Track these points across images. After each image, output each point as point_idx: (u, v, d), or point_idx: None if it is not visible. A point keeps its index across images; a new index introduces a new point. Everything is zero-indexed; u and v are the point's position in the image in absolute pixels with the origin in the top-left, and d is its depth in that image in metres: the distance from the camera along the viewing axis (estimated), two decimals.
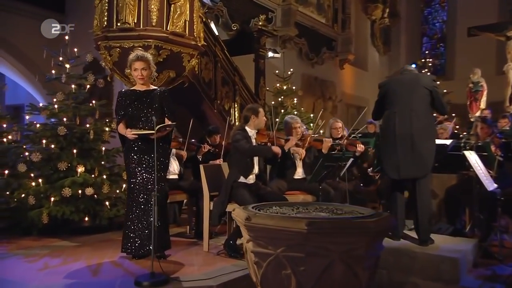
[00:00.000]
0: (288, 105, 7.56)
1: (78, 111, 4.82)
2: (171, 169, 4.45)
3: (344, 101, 12.14)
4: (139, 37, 4.54)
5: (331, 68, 11.59)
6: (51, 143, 4.53)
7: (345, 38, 12.04)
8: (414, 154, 3.23)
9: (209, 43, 5.92)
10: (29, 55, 6.12)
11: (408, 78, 3.45)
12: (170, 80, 4.91)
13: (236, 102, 6.38)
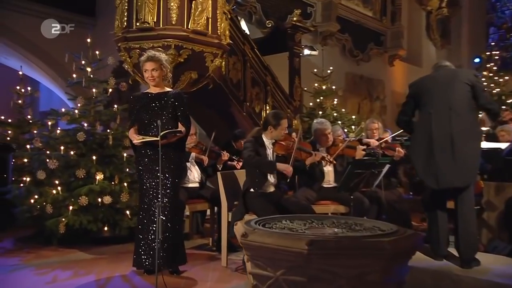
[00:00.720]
0: (327, 107, 7.34)
1: (99, 116, 4.90)
2: (190, 177, 4.40)
3: (395, 101, 11.60)
4: (158, 36, 4.56)
5: (379, 65, 11.12)
6: (71, 150, 4.62)
7: (395, 32, 11.53)
8: (455, 159, 2.93)
9: (237, 42, 5.86)
10: (60, 61, 6.33)
11: (444, 75, 3.15)
12: (193, 81, 4.89)
13: (268, 104, 6.28)
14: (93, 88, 4.93)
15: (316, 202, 4.00)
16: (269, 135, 3.64)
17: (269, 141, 3.65)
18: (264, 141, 3.63)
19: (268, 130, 3.62)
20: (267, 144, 3.62)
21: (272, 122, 3.60)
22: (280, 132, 3.62)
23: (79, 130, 4.69)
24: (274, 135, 3.64)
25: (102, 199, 4.40)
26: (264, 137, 3.64)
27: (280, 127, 3.60)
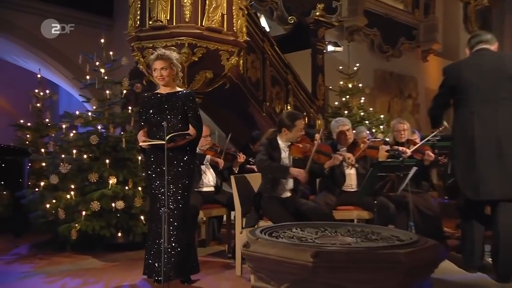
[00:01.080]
0: (353, 106, 7.15)
1: (113, 119, 4.90)
2: (205, 181, 4.35)
3: (429, 99, 11.20)
4: (171, 35, 4.54)
5: (411, 61, 10.78)
6: (84, 153, 4.63)
7: (428, 25, 11.14)
8: (502, 166, 2.65)
9: (256, 39, 5.82)
10: (77, 62, 6.35)
11: (488, 61, 2.82)
12: (208, 81, 4.85)
13: (289, 103, 6.21)
14: (107, 89, 4.93)
15: (337, 208, 3.88)
16: (283, 137, 3.53)
17: (284, 144, 3.53)
18: (279, 144, 3.52)
19: (282, 132, 3.51)
20: (282, 147, 3.51)
21: (287, 123, 3.49)
22: (296, 134, 3.50)
23: (92, 133, 4.70)
24: (289, 137, 3.52)
25: (115, 204, 4.37)
26: (279, 139, 3.54)
27: (295, 128, 3.48)
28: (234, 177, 3.68)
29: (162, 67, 3.12)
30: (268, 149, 3.43)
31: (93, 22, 6.85)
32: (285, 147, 3.53)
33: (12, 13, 6.65)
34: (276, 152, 3.47)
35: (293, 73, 6.27)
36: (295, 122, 3.48)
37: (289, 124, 3.48)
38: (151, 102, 3.20)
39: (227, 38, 4.74)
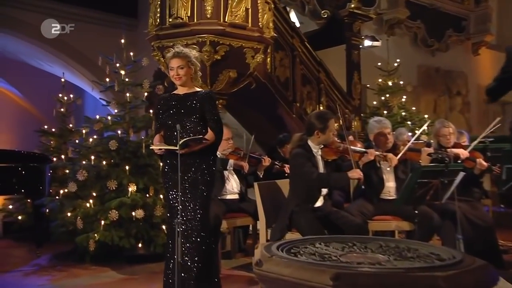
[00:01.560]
0: (393, 105, 6.92)
1: (134, 123, 4.89)
2: (228, 188, 4.24)
3: (481, 96, 10.65)
4: (192, 32, 4.48)
5: (460, 55, 10.29)
6: (103, 159, 4.63)
7: (480, 15, 10.58)
8: None
9: (285, 35, 5.69)
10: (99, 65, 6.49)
11: None
12: (232, 81, 4.76)
13: (322, 104, 6.05)
14: (127, 92, 4.94)
15: (373, 218, 3.69)
16: (315, 140, 3.41)
17: (316, 148, 3.42)
18: (311, 149, 3.39)
19: (314, 135, 3.39)
20: (315, 151, 3.40)
21: (318, 125, 3.37)
22: (329, 135, 3.39)
23: (112, 138, 4.69)
24: (323, 139, 3.40)
25: (135, 213, 4.35)
26: (311, 143, 3.41)
27: (329, 129, 3.36)
28: (258, 184, 3.58)
29: (179, 65, 3.04)
30: (309, 157, 3.31)
31: (117, 23, 6.88)
32: (318, 151, 3.43)
33: (36, 16, 6.77)
34: (313, 158, 3.35)
35: (325, 70, 6.12)
36: (327, 123, 3.36)
37: (322, 126, 3.37)
38: (167, 104, 3.12)
39: (252, 34, 4.64)
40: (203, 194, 3.03)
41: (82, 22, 6.79)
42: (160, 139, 3.12)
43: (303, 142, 3.39)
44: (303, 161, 3.27)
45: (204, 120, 3.05)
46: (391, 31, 8.57)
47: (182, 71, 3.04)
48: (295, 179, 3.40)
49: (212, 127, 3.04)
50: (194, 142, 2.93)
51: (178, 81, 3.08)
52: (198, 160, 3.00)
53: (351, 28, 6.69)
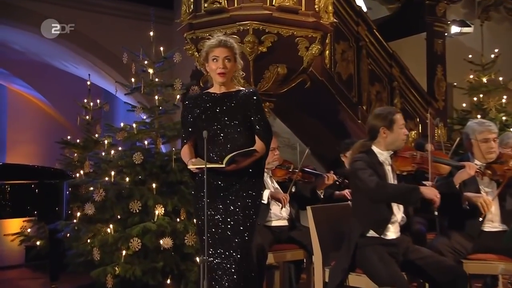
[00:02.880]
0: (490, 107, 6.55)
1: (163, 131, 4.74)
2: (275, 211, 4.02)
3: None
4: (232, 19, 4.34)
5: None
6: (126, 175, 4.50)
7: None
8: None
9: (348, 22, 5.48)
10: (130, 64, 6.43)
11: None
12: (281, 79, 4.58)
13: (395, 106, 5.78)
14: (156, 94, 4.78)
15: (471, 256, 3.32)
16: (382, 144, 3.13)
17: (385, 155, 3.14)
18: (377, 156, 3.12)
19: (380, 135, 3.12)
20: (383, 160, 3.13)
21: (381, 122, 3.11)
22: (399, 133, 3.11)
23: (137, 149, 4.52)
24: (391, 140, 3.12)
25: (162, 241, 4.15)
26: (377, 149, 3.15)
27: (396, 124, 3.10)
28: (312, 208, 3.32)
29: (226, 56, 2.89)
30: (372, 164, 3.06)
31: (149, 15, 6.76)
32: (387, 159, 3.15)
33: (61, 10, 6.80)
34: (380, 168, 3.08)
35: (400, 65, 5.85)
36: (392, 117, 3.11)
37: (386, 123, 3.10)
38: (199, 105, 2.97)
39: (306, 20, 4.43)
40: (248, 220, 2.89)
41: (109, 15, 6.75)
42: (189, 151, 2.99)
43: (367, 149, 3.15)
44: (362, 167, 3.03)
45: (248, 126, 2.93)
46: (485, 15, 8.10)
47: (229, 64, 2.91)
48: (356, 197, 3.17)
49: (261, 135, 2.92)
50: (242, 156, 2.79)
51: (222, 77, 2.90)
52: (243, 178, 2.88)
53: (433, 11, 6.45)
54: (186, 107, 3.03)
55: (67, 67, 8.18)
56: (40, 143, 9.55)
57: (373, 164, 3.07)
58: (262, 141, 2.89)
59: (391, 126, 3.06)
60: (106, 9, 7.18)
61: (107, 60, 7.26)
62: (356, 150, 3.18)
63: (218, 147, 2.85)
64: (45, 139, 9.16)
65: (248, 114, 2.90)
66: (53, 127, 9.34)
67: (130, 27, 6.95)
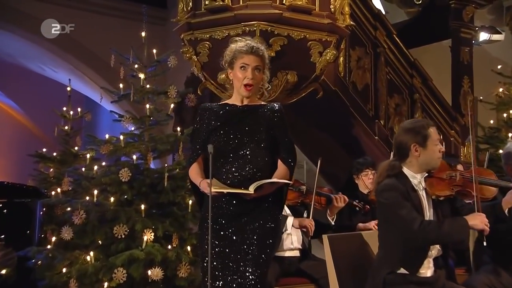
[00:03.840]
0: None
1: (155, 144, 4.67)
2: (285, 241, 4.04)
3: None
4: (236, 19, 4.27)
5: None
6: (110, 195, 4.44)
7: None
8: None
9: (364, 25, 5.45)
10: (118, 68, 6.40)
11: None
12: (291, 87, 4.52)
13: None
14: (148, 102, 4.75)
15: None
16: (415, 164, 3.02)
17: (419, 178, 3.04)
18: (410, 181, 3.01)
19: (411, 155, 3.01)
20: (415, 182, 3.02)
21: (412, 138, 3.00)
22: (434, 151, 3.00)
23: (124, 165, 4.49)
24: (425, 159, 3.00)
25: (150, 271, 4.11)
26: (408, 172, 3.04)
27: (430, 140, 2.99)
28: (328, 237, 3.29)
29: (257, 65, 2.86)
30: (404, 193, 2.94)
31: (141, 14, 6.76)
32: (420, 183, 3.04)
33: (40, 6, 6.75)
34: (413, 195, 2.97)
35: (422, 75, 5.84)
36: (426, 131, 2.99)
37: (418, 138, 2.98)
38: (215, 117, 2.92)
39: (320, 21, 4.35)
40: (264, 253, 2.83)
41: (94, 13, 6.81)
42: (199, 169, 2.93)
43: (397, 171, 3.03)
44: (398, 200, 2.91)
45: (270, 146, 2.89)
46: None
47: (259, 75, 2.88)
48: (386, 228, 3.06)
49: (284, 159, 2.89)
50: (270, 184, 2.78)
51: (248, 90, 2.87)
52: (261, 204, 2.85)
53: (459, 15, 6.40)
54: (200, 118, 2.96)
55: (45, 70, 8.21)
56: (10, 156, 9.43)
57: (407, 192, 2.96)
58: (286, 165, 2.86)
59: (425, 142, 2.96)
60: (89, 6, 7.25)
61: (91, 63, 7.32)
62: (383, 172, 3.06)
63: (236, 168, 2.80)
64: (16, 152, 9.06)
65: (271, 133, 2.87)
66: (26, 138, 9.29)
67: (117, 26, 7.07)
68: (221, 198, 2.82)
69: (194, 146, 2.96)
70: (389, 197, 2.93)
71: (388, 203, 2.93)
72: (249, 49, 2.87)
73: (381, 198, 2.98)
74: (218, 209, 2.83)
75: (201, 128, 2.93)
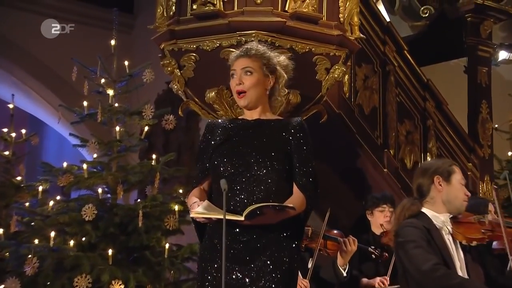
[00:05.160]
0: None
1: (125, 175, 4.73)
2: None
3: None
4: (231, 27, 4.16)
5: None
6: (70, 238, 4.43)
7: None
8: None
9: (372, 39, 5.44)
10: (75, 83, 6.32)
11: None
12: (293, 109, 4.44)
13: (430, 152, 5.80)
14: (117, 125, 4.82)
15: None
16: (436, 202, 3.12)
17: (442, 218, 3.12)
18: (433, 223, 3.10)
19: (432, 190, 3.12)
20: (439, 224, 3.11)
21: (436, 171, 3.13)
22: (459, 190, 3.12)
23: (87, 200, 4.51)
24: (449, 196, 3.10)
25: None
26: (429, 211, 3.13)
27: (455, 176, 3.12)
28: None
29: (244, 67, 2.82)
30: (423, 232, 3.01)
31: (101, 19, 6.85)
32: (444, 225, 3.14)
33: None
34: (436, 236, 3.04)
35: (436, 98, 5.88)
36: (450, 167, 3.16)
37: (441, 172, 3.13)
38: (224, 132, 2.87)
39: (329, 33, 4.29)
40: None
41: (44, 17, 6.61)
42: (201, 195, 2.84)
43: (415, 211, 3.14)
44: (415, 237, 3.00)
45: (285, 168, 2.78)
46: None
47: (249, 79, 2.79)
48: (405, 278, 3.09)
49: (302, 184, 2.76)
50: (273, 209, 2.62)
51: (241, 97, 2.83)
52: (273, 243, 2.72)
53: (476, 31, 6.43)
54: (206, 136, 2.92)
55: None
56: None
57: (428, 231, 3.01)
58: (303, 193, 2.71)
59: (449, 177, 3.07)
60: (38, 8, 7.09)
61: (41, 76, 7.18)
62: (403, 211, 3.14)
63: (243, 191, 2.71)
64: None
65: (287, 152, 2.76)
66: None
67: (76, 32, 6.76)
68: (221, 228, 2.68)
69: (198, 168, 2.91)
70: (406, 234, 3.01)
71: (404, 240, 3.00)
72: (239, 54, 2.88)
73: (399, 237, 3.05)
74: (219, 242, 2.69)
75: (206, 148, 2.86)
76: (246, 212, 2.54)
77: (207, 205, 2.66)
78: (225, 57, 4.05)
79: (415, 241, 2.98)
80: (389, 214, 4.38)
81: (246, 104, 2.82)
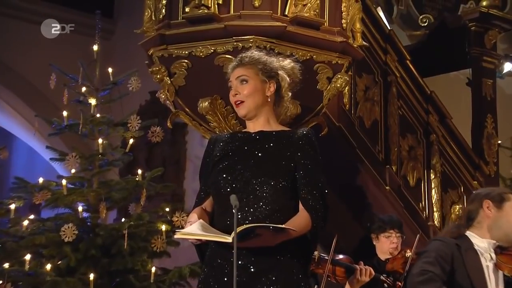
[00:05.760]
0: None
1: (108, 193, 4.73)
2: None
3: None
4: (227, 32, 4.13)
5: None
6: (46, 261, 4.40)
7: None
8: None
9: (373, 47, 5.47)
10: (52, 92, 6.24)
11: None
12: (292, 121, 4.38)
13: (433, 169, 5.84)
14: (99, 137, 4.86)
15: None
16: (483, 226, 3.18)
17: (484, 243, 3.17)
18: (474, 246, 3.14)
19: (480, 215, 3.18)
20: (481, 250, 3.16)
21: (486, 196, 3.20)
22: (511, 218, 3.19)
23: (65, 219, 4.51)
24: (498, 222, 3.16)
25: None
26: (471, 234, 3.19)
27: (509, 204, 3.17)
28: None
29: (239, 76, 2.85)
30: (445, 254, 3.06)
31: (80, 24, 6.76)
32: (486, 251, 3.17)
33: None
34: (474, 264, 3.08)
35: (440, 112, 5.93)
36: (504, 194, 3.23)
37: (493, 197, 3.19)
38: (225, 146, 2.90)
39: (332, 39, 4.29)
40: None
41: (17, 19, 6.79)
42: (201, 215, 2.81)
43: (457, 234, 3.23)
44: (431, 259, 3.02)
45: (291, 185, 2.77)
46: None
47: (246, 87, 2.82)
48: None
49: (307, 202, 2.73)
50: (268, 230, 2.57)
51: (238, 107, 2.86)
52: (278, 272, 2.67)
53: (481, 41, 6.50)
54: (206, 152, 2.96)
55: None
56: None
57: (452, 256, 3.03)
58: (308, 212, 2.66)
59: (501, 203, 3.12)
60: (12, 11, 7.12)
61: (11, 84, 7.17)
62: (446, 235, 3.25)
63: (245, 207, 2.68)
64: None
65: (291, 167, 2.73)
66: None
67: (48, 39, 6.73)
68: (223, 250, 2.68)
69: (200, 186, 2.93)
70: (429, 246, 3.10)
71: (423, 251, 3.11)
72: (234, 65, 2.91)
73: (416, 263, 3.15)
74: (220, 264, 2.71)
75: (208, 164, 2.88)
76: (235, 233, 2.47)
77: (200, 225, 2.62)
78: (220, 64, 4.10)
79: (429, 251, 3.04)
80: (395, 241, 4.39)
81: (245, 113, 2.81)
